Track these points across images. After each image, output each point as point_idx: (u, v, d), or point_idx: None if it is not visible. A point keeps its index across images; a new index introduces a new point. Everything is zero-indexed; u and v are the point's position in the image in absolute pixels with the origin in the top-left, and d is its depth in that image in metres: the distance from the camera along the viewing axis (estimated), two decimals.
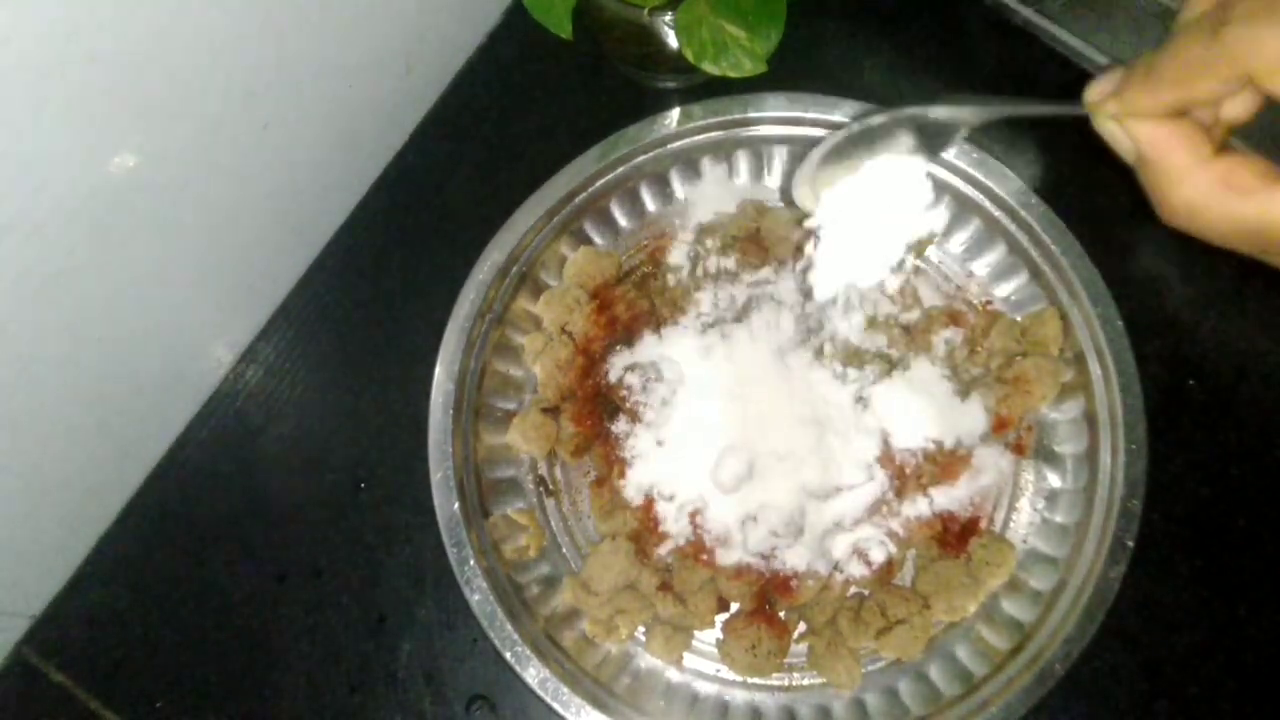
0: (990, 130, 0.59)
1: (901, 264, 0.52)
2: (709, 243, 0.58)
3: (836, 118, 0.56)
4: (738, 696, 0.52)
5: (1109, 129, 0.39)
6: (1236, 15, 0.33)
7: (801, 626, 0.53)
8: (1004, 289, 0.57)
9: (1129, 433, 0.51)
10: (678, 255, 0.58)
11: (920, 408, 0.53)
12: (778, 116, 0.56)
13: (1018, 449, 0.54)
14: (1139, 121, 0.37)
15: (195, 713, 0.55)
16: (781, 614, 0.52)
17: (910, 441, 0.52)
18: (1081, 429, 0.53)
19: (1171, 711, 0.52)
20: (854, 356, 0.54)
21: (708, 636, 0.53)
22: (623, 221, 0.59)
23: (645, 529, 0.53)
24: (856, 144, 0.47)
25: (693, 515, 0.52)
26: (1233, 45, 0.33)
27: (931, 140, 0.46)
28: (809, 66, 0.61)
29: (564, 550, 0.55)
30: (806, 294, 0.55)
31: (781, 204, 0.58)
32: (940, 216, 0.56)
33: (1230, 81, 0.34)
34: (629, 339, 0.55)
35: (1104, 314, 0.52)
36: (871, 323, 0.55)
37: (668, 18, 0.52)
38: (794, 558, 0.51)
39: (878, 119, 0.46)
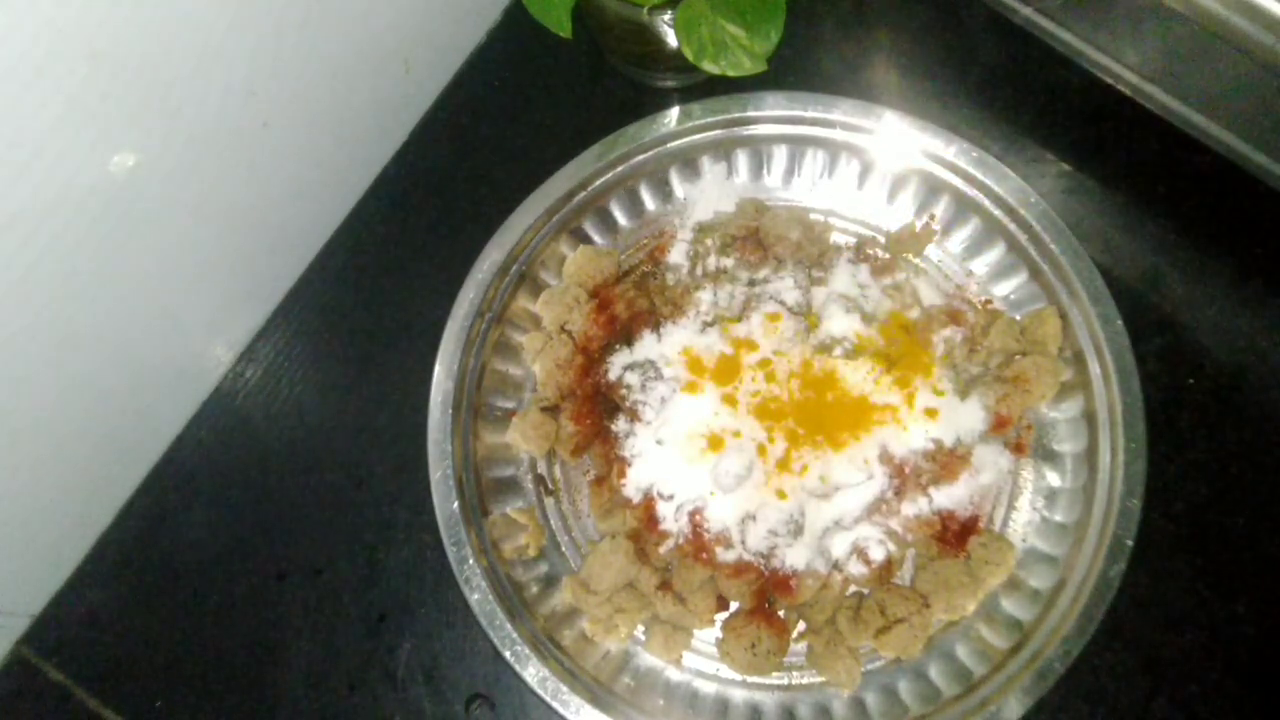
0: (990, 128, 0.59)
1: None
2: (708, 241, 0.58)
3: (836, 116, 0.56)
4: (737, 695, 0.52)
5: None
6: None
7: (801, 625, 0.53)
8: (1003, 288, 0.57)
9: (1128, 431, 0.51)
10: (677, 254, 0.58)
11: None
12: (777, 115, 0.57)
13: (1017, 448, 0.54)
14: None
15: (194, 711, 0.55)
16: (781, 613, 0.52)
17: (910, 440, 0.52)
18: (1081, 428, 0.53)
19: (1170, 710, 0.52)
20: (853, 354, 0.54)
21: (707, 635, 0.53)
22: (622, 220, 0.59)
23: (645, 528, 0.53)
24: None
25: (692, 514, 0.52)
26: None
27: None
28: (808, 65, 0.61)
29: (563, 549, 0.55)
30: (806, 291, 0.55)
31: (781, 203, 0.58)
32: None
33: None
34: (628, 338, 0.55)
35: (1103, 313, 0.52)
36: (871, 321, 0.55)
37: (667, 17, 0.52)
38: (793, 557, 0.51)
39: None
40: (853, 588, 0.53)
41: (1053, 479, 0.54)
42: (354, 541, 0.57)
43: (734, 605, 0.53)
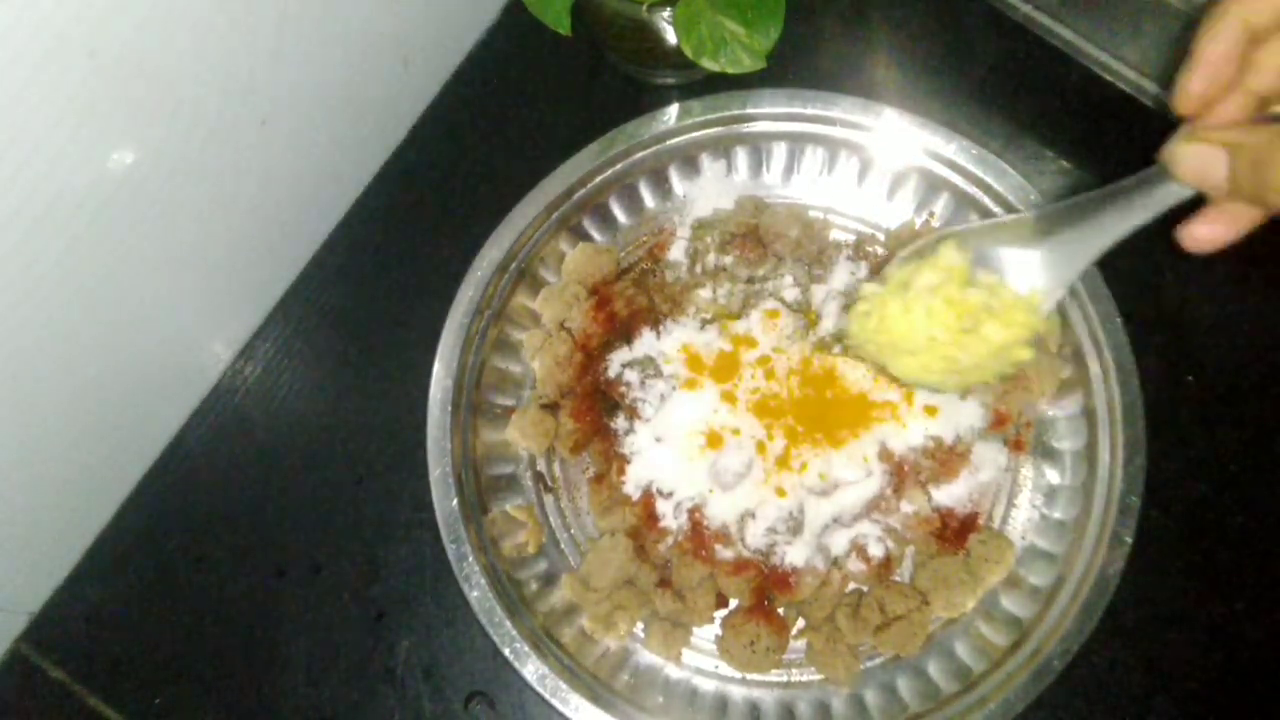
0: (989, 126, 0.59)
1: None
2: (707, 239, 0.58)
3: (835, 114, 0.56)
4: (736, 693, 0.52)
5: (1193, 159, 0.38)
6: None
7: (800, 623, 0.53)
8: None
9: (1127, 429, 0.51)
10: (676, 252, 0.58)
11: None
12: (777, 113, 0.56)
13: (1017, 445, 0.54)
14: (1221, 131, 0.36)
15: (194, 708, 0.55)
16: (780, 610, 0.52)
17: (909, 438, 0.52)
18: (1080, 425, 0.53)
19: (1170, 707, 0.52)
20: (852, 351, 0.54)
21: (706, 633, 0.53)
22: (621, 218, 0.59)
23: (644, 525, 0.53)
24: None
25: (691, 511, 0.52)
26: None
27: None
28: (808, 62, 0.61)
29: (563, 547, 0.55)
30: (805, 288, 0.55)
31: (780, 201, 0.58)
32: None
33: None
34: (628, 335, 0.55)
35: (1103, 310, 0.52)
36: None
37: (666, 14, 0.52)
38: (793, 554, 0.51)
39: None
40: (852, 585, 0.53)
41: (1052, 476, 0.54)
42: (353, 539, 0.57)
43: (733, 602, 0.53)
